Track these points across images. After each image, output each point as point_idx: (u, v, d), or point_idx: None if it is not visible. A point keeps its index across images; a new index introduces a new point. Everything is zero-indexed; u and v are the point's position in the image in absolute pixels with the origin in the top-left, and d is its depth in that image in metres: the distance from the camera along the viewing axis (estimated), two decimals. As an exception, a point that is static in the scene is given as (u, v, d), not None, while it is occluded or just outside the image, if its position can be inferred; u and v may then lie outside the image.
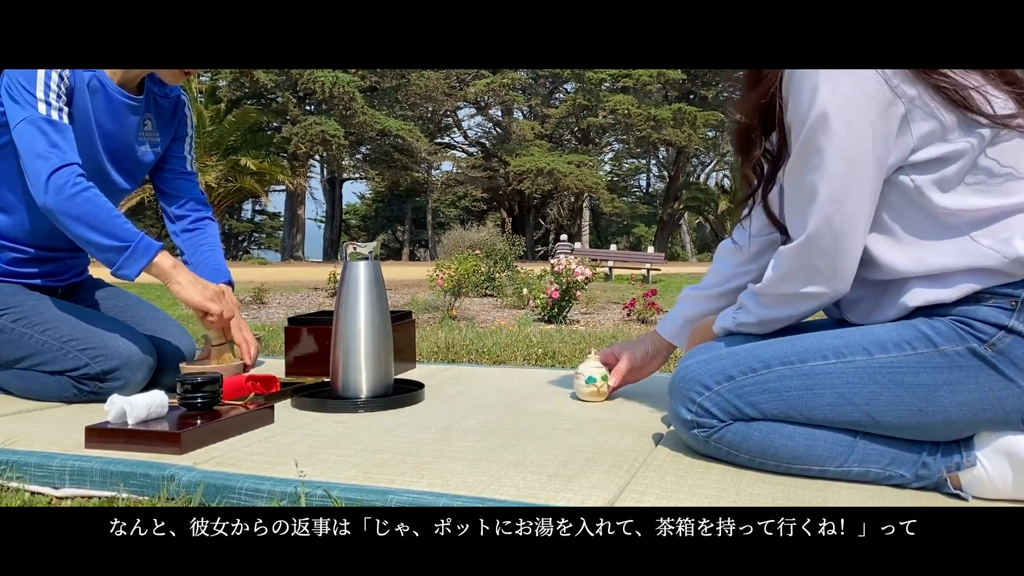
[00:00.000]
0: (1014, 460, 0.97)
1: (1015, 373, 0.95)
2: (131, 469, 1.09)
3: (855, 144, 0.95)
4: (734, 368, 1.09)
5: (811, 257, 1.02)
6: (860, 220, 0.99)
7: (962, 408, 0.97)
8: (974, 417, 0.98)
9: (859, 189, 0.97)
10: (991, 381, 0.96)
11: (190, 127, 1.90)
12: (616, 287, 9.69)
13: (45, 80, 1.52)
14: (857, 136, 0.95)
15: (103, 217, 1.52)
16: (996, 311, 0.96)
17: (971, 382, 0.97)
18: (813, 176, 0.98)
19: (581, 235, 31.25)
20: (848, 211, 0.98)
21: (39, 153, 1.50)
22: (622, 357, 1.54)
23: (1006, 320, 0.95)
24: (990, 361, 0.96)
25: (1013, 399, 0.96)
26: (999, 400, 0.96)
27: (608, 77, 28.55)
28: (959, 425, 0.99)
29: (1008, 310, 0.95)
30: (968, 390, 0.97)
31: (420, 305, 5.28)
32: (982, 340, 0.96)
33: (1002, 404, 0.96)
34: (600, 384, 1.54)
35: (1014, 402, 0.96)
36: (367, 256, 1.61)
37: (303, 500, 0.98)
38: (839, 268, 1.02)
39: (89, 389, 1.59)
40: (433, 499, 0.96)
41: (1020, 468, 0.97)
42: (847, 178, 0.97)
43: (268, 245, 39.87)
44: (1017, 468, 0.97)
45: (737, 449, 1.09)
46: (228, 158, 21.20)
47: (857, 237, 1.00)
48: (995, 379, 0.96)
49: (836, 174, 0.97)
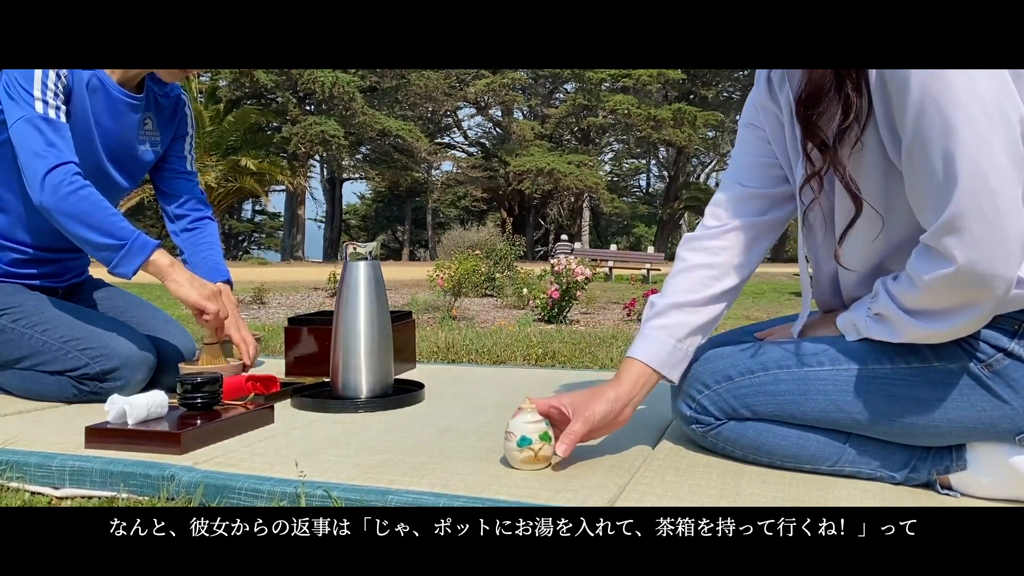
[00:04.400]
0: (1006, 467, 0.97)
1: (1010, 395, 0.94)
2: (131, 469, 1.09)
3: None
4: (733, 369, 1.10)
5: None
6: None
7: (952, 424, 0.97)
8: (964, 434, 0.97)
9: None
10: (984, 401, 0.95)
11: (190, 127, 1.90)
12: (616, 287, 9.69)
13: (43, 79, 1.52)
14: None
15: (99, 215, 1.52)
16: (998, 333, 0.94)
17: (964, 400, 0.96)
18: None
19: (581, 235, 31.25)
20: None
21: (36, 152, 1.50)
22: (575, 416, 1.07)
23: (1007, 343, 0.94)
24: (985, 382, 0.95)
25: (1006, 420, 0.94)
26: (991, 420, 0.95)
27: (608, 77, 28.56)
28: (949, 438, 0.99)
29: (1010, 333, 0.94)
30: (961, 408, 0.96)
31: (420, 305, 5.28)
32: (980, 360, 0.95)
33: (994, 424, 0.95)
34: (538, 447, 1.05)
35: (1007, 423, 0.95)
36: (367, 256, 1.61)
37: (303, 500, 0.98)
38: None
39: (89, 389, 1.59)
40: (433, 499, 0.96)
41: (1012, 475, 0.97)
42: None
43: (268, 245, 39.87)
44: (1010, 475, 0.97)
45: (732, 445, 1.12)
46: (228, 158, 21.21)
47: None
48: (988, 400, 0.95)
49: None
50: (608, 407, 1.07)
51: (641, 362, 1.10)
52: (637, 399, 1.10)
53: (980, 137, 0.81)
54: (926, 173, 0.85)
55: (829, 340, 1.07)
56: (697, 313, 1.12)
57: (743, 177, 1.17)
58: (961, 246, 0.83)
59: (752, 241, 1.15)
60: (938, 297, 0.89)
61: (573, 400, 1.09)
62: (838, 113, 0.94)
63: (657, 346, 1.11)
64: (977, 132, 0.81)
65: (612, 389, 1.09)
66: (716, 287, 1.14)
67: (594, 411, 1.07)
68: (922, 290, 0.89)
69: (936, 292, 0.88)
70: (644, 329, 1.13)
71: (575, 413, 1.07)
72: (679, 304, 1.12)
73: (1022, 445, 0.96)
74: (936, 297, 0.89)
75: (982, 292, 0.85)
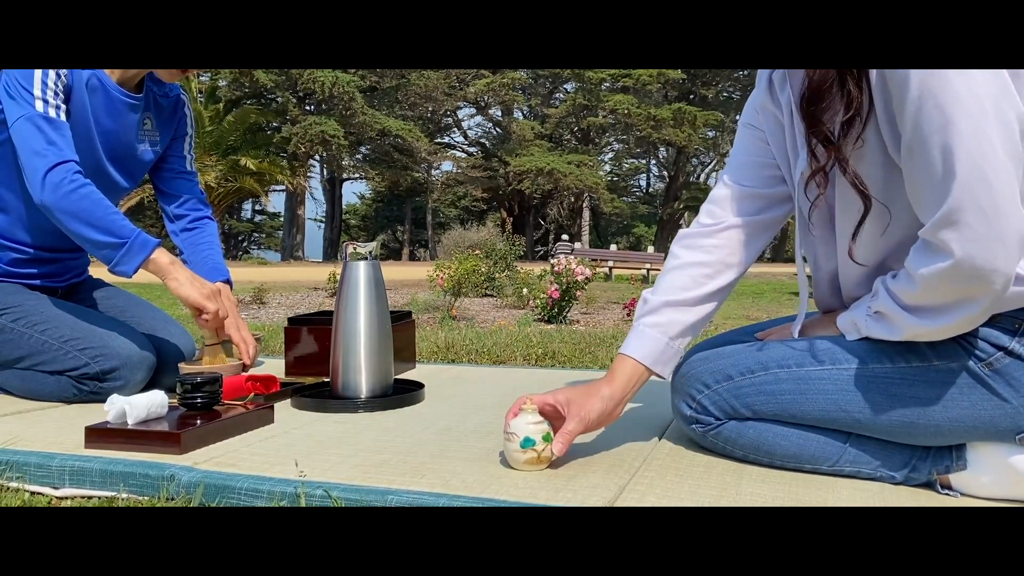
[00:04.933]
0: (1006, 467, 0.97)
1: (1010, 394, 0.94)
2: (131, 469, 1.09)
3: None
4: (733, 368, 1.10)
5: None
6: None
7: (953, 423, 0.97)
8: (965, 433, 0.97)
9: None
10: (984, 400, 0.95)
11: (190, 127, 1.90)
12: (616, 287, 9.69)
13: (43, 78, 1.53)
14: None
15: (100, 214, 1.52)
16: (999, 332, 0.94)
17: (964, 399, 0.96)
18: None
19: (581, 235, 31.25)
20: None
21: (36, 150, 1.50)
22: (570, 415, 1.08)
23: (1007, 342, 0.94)
24: (985, 381, 0.95)
25: (1006, 419, 0.95)
26: (991, 419, 0.95)
27: (608, 77, 28.56)
28: (949, 437, 0.99)
29: (1011, 332, 0.94)
30: (961, 407, 0.96)
31: (420, 305, 5.28)
32: (980, 359, 0.95)
33: (994, 423, 0.95)
34: (541, 447, 1.06)
35: (1007, 422, 0.95)
36: (367, 256, 1.61)
37: (303, 500, 0.98)
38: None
39: (89, 389, 1.59)
40: (433, 499, 0.96)
41: (1013, 474, 0.97)
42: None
43: (268, 245, 39.88)
44: (1010, 475, 0.97)
45: (732, 445, 1.12)
46: (228, 158, 21.21)
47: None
48: (988, 398, 0.95)
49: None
50: (603, 405, 1.09)
51: (634, 359, 1.12)
52: (629, 396, 1.12)
53: (978, 132, 0.81)
54: (925, 168, 0.85)
55: (830, 339, 1.07)
56: (689, 311, 1.14)
57: (740, 176, 1.17)
58: (959, 240, 0.83)
59: (747, 240, 1.16)
60: (936, 292, 0.89)
61: (568, 397, 1.09)
62: (840, 109, 0.95)
63: (650, 344, 1.12)
64: (975, 127, 0.81)
65: (607, 386, 1.10)
66: (709, 285, 1.15)
67: (589, 410, 1.08)
68: (921, 285, 0.89)
69: (934, 287, 0.88)
70: (637, 326, 1.14)
71: (571, 412, 1.08)
72: (672, 302, 1.13)
73: (1022, 444, 0.96)
74: (934, 292, 0.89)
75: (980, 287, 0.85)
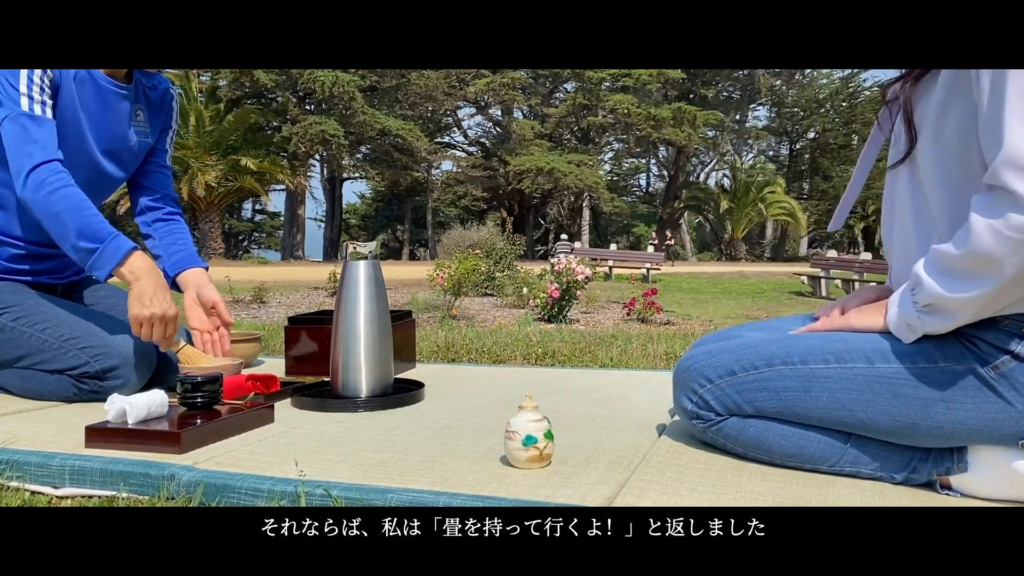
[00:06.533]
0: (1008, 471, 0.97)
1: (1015, 397, 0.94)
2: (131, 469, 1.09)
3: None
4: (737, 364, 1.10)
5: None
6: None
7: (956, 426, 0.97)
8: (967, 436, 0.97)
9: None
10: (988, 403, 0.95)
11: (175, 120, 1.91)
12: (616, 286, 9.70)
13: (29, 74, 1.53)
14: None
15: (77, 216, 1.52)
16: (1004, 335, 0.94)
17: (968, 401, 0.96)
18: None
19: (581, 234, 31.23)
20: None
21: (21, 149, 1.51)
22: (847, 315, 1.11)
23: (1013, 345, 0.94)
24: (991, 384, 0.95)
25: (1010, 423, 0.95)
26: (995, 422, 0.95)
27: (608, 77, 28.53)
28: (952, 440, 0.99)
29: (1016, 335, 0.94)
30: (964, 409, 0.96)
31: (420, 304, 5.28)
32: (986, 362, 0.95)
33: (998, 426, 0.95)
34: (543, 445, 1.08)
35: (1011, 426, 0.95)
36: (367, 256, 1.61)
37: (303, 500, 0.98)
38: None
39: (89, 388, 1.59)
40: (433, 498, 0.96)
41: (1014, 479, 0.97)
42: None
43: (268, 245, 39.83)
44: (1012, 479, 0.97)
45: (733, 442, 1.12)
46: (228, 158, 21.19)
47: None
48: (993, 401, 0.95)
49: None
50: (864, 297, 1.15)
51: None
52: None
53: None
54: (995, 107, 0.85)
55: (835, 337, 1.07)
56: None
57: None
58: (1020, 180, 0.81)
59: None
60: (992, 240, 0.85)
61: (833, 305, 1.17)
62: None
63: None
64: None
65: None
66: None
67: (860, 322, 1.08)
68: (977, 238, 0.86)
69: (995, 237, 0.85)
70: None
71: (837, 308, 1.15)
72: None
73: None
74: (993, 242, 0.85)
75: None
